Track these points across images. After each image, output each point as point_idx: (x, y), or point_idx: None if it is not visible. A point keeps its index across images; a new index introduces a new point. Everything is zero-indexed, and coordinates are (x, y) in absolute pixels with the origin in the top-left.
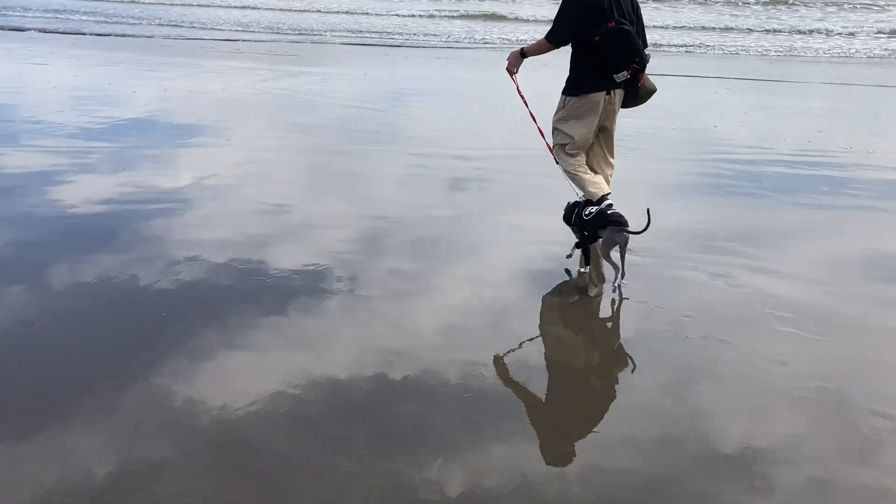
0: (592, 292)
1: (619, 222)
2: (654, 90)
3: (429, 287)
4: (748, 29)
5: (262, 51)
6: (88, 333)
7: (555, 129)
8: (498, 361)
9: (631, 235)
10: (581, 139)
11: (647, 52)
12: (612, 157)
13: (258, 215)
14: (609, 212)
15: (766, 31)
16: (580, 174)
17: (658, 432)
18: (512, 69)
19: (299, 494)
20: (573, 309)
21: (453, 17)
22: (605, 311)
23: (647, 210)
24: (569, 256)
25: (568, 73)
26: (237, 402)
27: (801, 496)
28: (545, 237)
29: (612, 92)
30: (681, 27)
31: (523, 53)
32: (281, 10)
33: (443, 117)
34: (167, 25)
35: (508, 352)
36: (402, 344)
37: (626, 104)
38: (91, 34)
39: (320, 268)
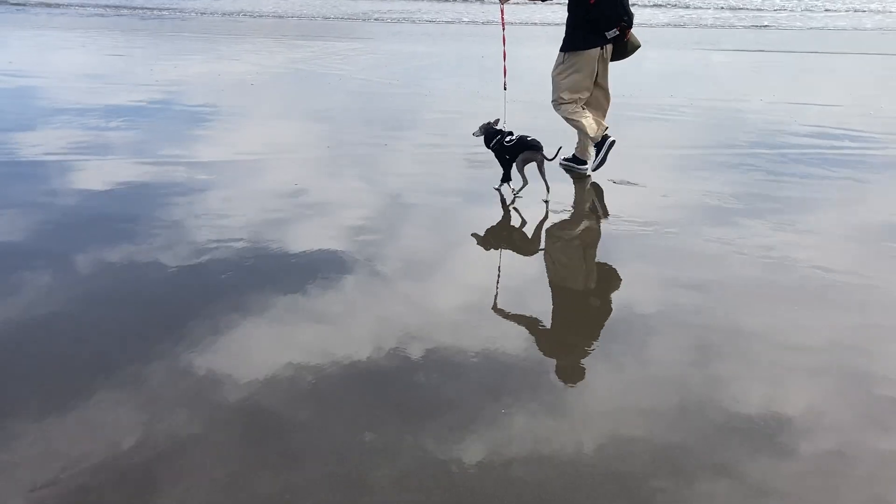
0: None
1: (534, 146)
2: (638, 45)
3: (447, 265)
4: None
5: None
6: (115, 313)
7: (555, 82)
8: (515, 334)
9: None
10: (582, 88)
11: (631, 12)
12: (609, 95)
13: (277, 195)
14: (528, 138)
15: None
16: (580, 119)
17: (676, 403)
18: (502, 3)
19: (322, 468)
20: (592, 283)
21: None
22: (624, 282)
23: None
24: (497, 188)
25: (565, 32)
26: (260, 377)
27: (821, 465)
28: (558, 213)
29: (604, 47)
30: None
31: None
32: None
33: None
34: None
35: (526, 326)
36: (421, 320)
37: (614, 58)
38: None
39: (339, 247)
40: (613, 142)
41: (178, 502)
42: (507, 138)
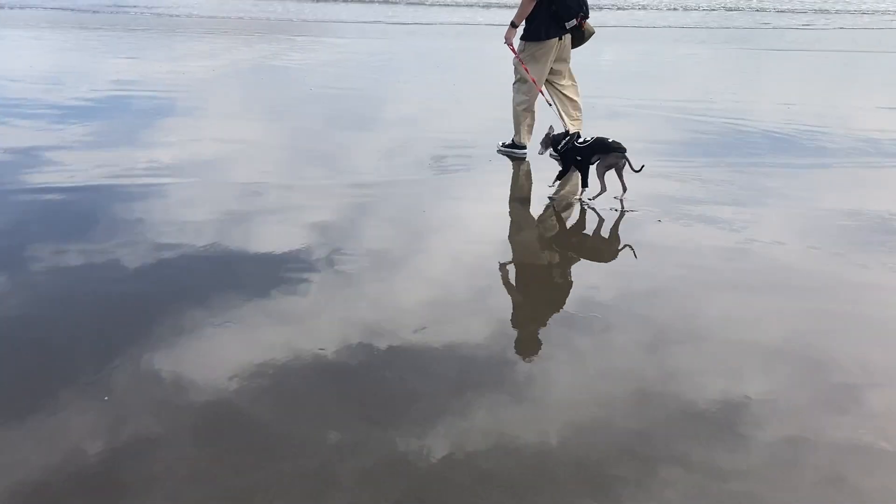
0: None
1: (617, 148)
2: (593, 32)
3: (411, 260)
4: None
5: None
6: (72, 316)
7: (515, 68)
8: (478, 327)
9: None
10: (538, 77)
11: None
12: (575, 80)
13: (239, 193)
14: (609, 139)
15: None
16: (521, 118)
17: (636, 391)
18: (510, 40)
19: (290, 467)
20: (553, 274)
21: None
22: (583, 275)
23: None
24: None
25: (525, 22)
26: (224, 377)
27: (778, 449)
28: (525, 206)
29: (563, 37)
30: None
31: (514, 24)
32: None
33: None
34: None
35: (489, 321)
36: (385, 316)
37: (573, 45)
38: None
39: (303, 244)
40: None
41: (144, 503)
42: (579, 140)
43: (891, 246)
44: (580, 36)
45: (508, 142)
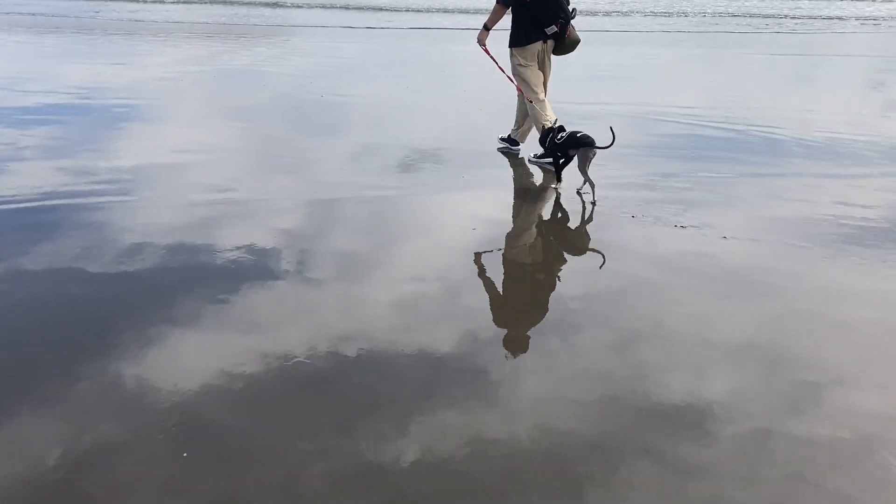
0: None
1: (587, 142)
2: (578, 41)
3: (380, 266)
4: None
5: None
6: (34, 324)
7: (515, 74)
8: (448, 331)
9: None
10: (535, 79)
11: (571, 10)
12: (545, 89)
13: (203, 198)
14: (578, 134)
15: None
16: (541, 110)
17: (604, 391)
18: (483, 42)
19: (258, 474)
20: (523, 276)
21: None
22: (551, 276)
23: (611, 128)
24: (555, 187)
25: (510, 30)
26: (190, 384)
27: (743, 447)
28: (491, 213)
29: (545, 42)
30: None
31: (486, 27)
32: None
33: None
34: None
35: (458, 324)
36: (353, 320)
37: (557, 52)
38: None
39: (269, 249)
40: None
41: None
42: (559, 135)
43: (856, 247)
44: (563, 42)
45: (506, 136)
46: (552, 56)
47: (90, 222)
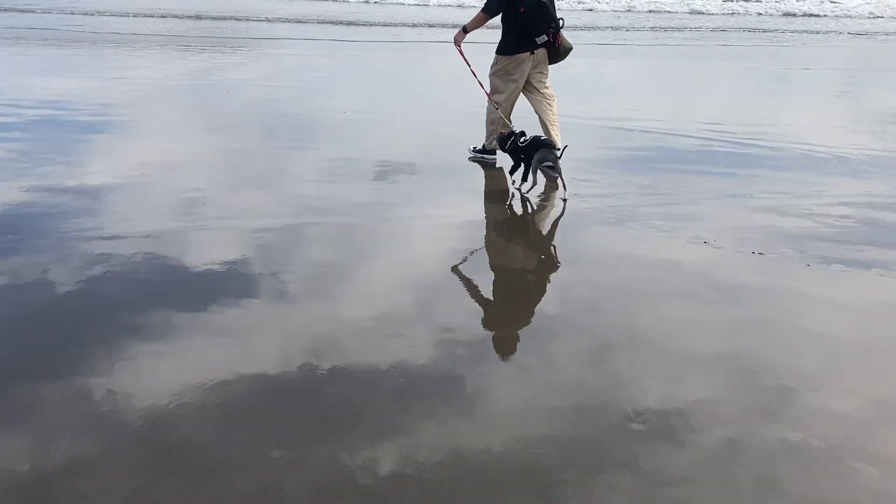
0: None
1: (548, 145)
2: (570, 48)
3: (353, 277)
4: None
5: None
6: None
7: (491, 79)
8: (423, 342)
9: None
10: (509, 92)
11: (560, 18)
12: (549, 97)
13: (173, 209)
14: (541, 138)
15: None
16: (493, 125)
17: (578, 402)
18: (458, 42)
19: (231, 487)
20: (497, 285)
21: None
22: (525, 286)
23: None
24: (514, 183)
25: (500, 36)
26: (161, 397)
27: (715, 453)
28: (464, 223)
29: (534, 52)
30: None
31: (465, 29)
32: None
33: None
34: (65, 13)
35: (433, 334)
36: (328, 332)
37: (551, 61)
38: None
39: (242, 260)
40: (565, 147)
41: None
42: (522, 139)
43: (828, 256)
44: (556, 50)
45: (479, 146)
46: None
47: (58, 237)
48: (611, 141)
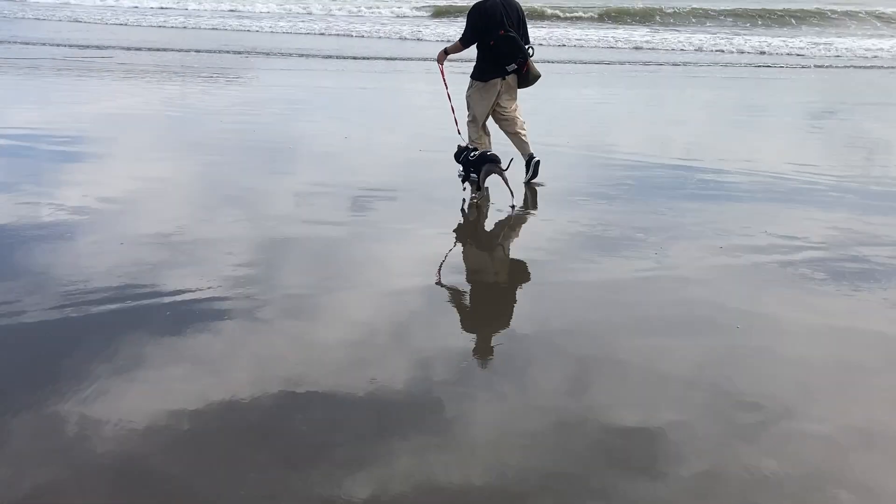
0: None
1: (494, 160)
2: (538, 75)
3: (327, 304)
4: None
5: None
6: None
7: (466, 98)
8: (398, 370)
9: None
10: (479, 112)
11: (529, 48)
12: (521, 118)
13: (148, 238)
14: (488, 153)
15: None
16: (470, 129)
17: (556, 430)
18: (440, 62)
19: None
20: (473, 316)
21: None
22: (503, 312)
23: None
24: (473, 197)
25: (475, 62)
26: (133, 427)
27: (694, 481)
28: (441, 250)
29: (505, 78)
30: None
31: (446, 51)
32: None
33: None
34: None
35: (408, 362)
36: (301, 360)
37: (521, 85)
38: None
39: (215, 289)
40: (538, 161)
41: None
42: (472, 154)
43: (804, 283)
44: (525, 76)
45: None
46: (517, 89)
47: (29, 263)
48: (587, 170)
